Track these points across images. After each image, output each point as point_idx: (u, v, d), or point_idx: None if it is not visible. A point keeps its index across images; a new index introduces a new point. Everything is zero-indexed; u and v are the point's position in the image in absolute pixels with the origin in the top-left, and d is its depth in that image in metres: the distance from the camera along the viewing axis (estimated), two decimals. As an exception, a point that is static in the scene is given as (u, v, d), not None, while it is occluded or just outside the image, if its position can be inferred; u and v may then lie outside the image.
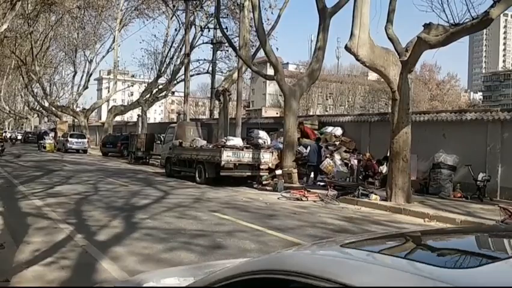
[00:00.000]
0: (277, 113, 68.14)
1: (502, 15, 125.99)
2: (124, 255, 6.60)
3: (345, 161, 17.30)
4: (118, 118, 47.83)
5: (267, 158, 16.81)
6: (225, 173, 16.25)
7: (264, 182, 16.80)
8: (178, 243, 7.42)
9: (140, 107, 43.78)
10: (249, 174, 16.83)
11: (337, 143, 18.17)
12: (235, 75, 23.11)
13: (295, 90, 17.30)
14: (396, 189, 12.14)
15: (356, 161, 16.42)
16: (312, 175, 16.57)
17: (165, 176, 19.58)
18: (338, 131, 18.78)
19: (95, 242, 7.35)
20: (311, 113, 68.58)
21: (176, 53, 33.20)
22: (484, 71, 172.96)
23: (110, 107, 44.32)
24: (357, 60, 11.32)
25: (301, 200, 13.29)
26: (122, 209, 10.71)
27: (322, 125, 19.80)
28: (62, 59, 52.00)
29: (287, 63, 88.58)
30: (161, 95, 35.28)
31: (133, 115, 73.29)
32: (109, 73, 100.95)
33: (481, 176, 13.23)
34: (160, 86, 37.01)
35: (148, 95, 34.50)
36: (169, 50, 33.76)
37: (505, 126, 13.46)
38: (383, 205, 12.08)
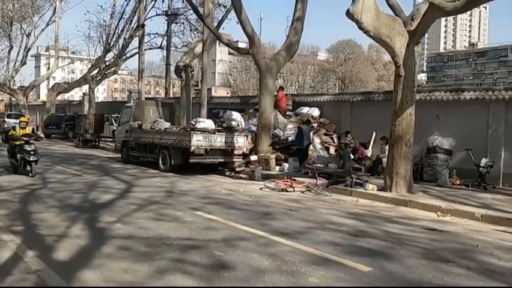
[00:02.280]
0: (227, 93, 65.94)
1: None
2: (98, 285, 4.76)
3: (326, 144, 15.82)
4: (60, 97, 44.16)
5: (241, 143, 15.01)
6: (195, 159, 14.33)
7: (237, 169, 15.06)
8: (167, 261, 5.60)
9: (86, 85, 40.55)
10: (222, 160, 15.01)
11: (315, 125, 16.61)
12: (198, 49, 21.03)
13: (272, 66, 15.52)
14: (398, 178, 10.76)
15: (343, 145, 14.94)
16: (292, 161, 14.93)
17: (122, 163, 17.37)
18: (316, 112, 17.21)
19: (54, 264, 5.41)
20: (254, 93, 66.98)
21: (127, 25, 30.35)
22: (426, 53, 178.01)
23: (52, 84, 40.62)
24: (360, 28, 9.70)
25: (287, 191, 11.68)
26: (81, 209, 8.67)
27: (296, 105, 18.17)
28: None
29: (237, 41, 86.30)
30: (109, 71, 32.34)
31: (74, 94, 68.57)
32: (47, 49, 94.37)
33: (483, 161, 12.08)
34: (108, 62, 33.99)
35: (96, 71, 31.52)
36: (119, 21, 30.85)
37: (510, 106, 12.34)
38: (383, 196, 10.66)
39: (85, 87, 43.81)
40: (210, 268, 5.39)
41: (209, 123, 14.73)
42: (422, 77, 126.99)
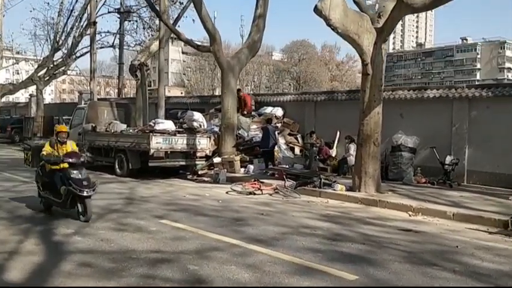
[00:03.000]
0: (181, 92, 64.86)
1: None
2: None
3: (290, 145, 15.51)
4: (4, 99, 41.77)
5: (204, 144, 14.44)
6: (155, 163, 13.65)
7: (200, 172, 14.50)
8: (136, 277, 5.06)
9: (33, 86, 38.55)
10: (183, 163, 14.39)
11: (279, 125, 16.27)
12: (153, 47, 20.23)
13: (234, 65, 15.03)
14: (367, 177, 10.57)
15: (309, 145, 14.65)
16: (258, 162, 14.51)
17: (75, 167, 16.38)
18: (279, 111, 16.87)
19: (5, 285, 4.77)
20: (217, 93, 66.26)
21: (76, 23, 28.97)
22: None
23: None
24: (329, 25, 9.41)
25: (255, 194, 11.26)
26: (33, 220, 7.93)
27: (259, 105, 17.76)
28: None
29: (191, 40, 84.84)
30: (58, 71, 30.79)
31: (20, 96, 65.21)
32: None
33: (448, 159, 12.10)
34: (56, 62, 32.39)
35: (44, 72, 29.94)
36: (68, 19, 29.40)
37: (473, 104, 12.43)
38: (352, 196, 10.43)
39: (31, 89, 41.76)
40: (184, 284, 4.90)
41: (169, 125, 14.07)
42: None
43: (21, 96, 64.48)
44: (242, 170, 14.49)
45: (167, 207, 9.30)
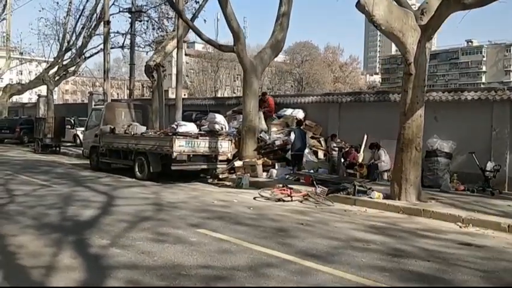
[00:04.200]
0: (184, 94, 64.24)
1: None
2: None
3: (314, 148, 14.96)
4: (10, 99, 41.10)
5: (226, 147, 13.93)
6: (177, 166, 13.13)
7: (220, 176, 13.98)
8: (194, 299, 4.53)
9: (40, 87, 38.03)
10: (205, 167, 13.88)
11: (301, 127, 15.69)
12: (169, 47, 19.75)
13: (257, 65, 14.50)
14: (407, 185, 10.01)
15: (336, 150, 14.10)
16: (279, 166, 13.98)
17: (91, 170, 15.89)
18: (300, 113, 16.31)
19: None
20: (219, 95, 65.60)
21: (87, 23, 28.49)
22: (378, 55, 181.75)
23: (4, 85, 37.88)
24: (372, 21, 8.88)
25: (284, 200, 10.73)
26: (63, 229, 7.39)
27: (278, 106, 17.22)
28: None
29: (193, 42, 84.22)
30: (68, 71, 30.30)
31: (23, 97, 64.61)
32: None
33: (490, 165, 11.53)
34: (65, 62, 31.90)
35: (54, 71, 29.44)
36: (79, 18, 28.92)
37: (516, 107, 11.87)
38: (392, 205, 9.88)
39: (39, 89, 41.21)
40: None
41: (191, 127, 13.56)
42: (374, 78, 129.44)
43: (24, 96, 63.97)
44: (264, 174, 13.97)
45: (200, 215, 8.76)
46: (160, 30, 29.24)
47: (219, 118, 14.25)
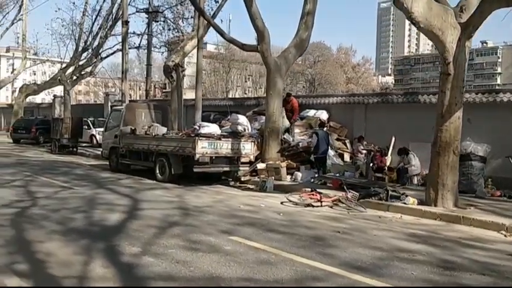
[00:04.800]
0: (195, 95, 63.92)
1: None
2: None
3: (339, 151, 14.57)
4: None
5: (249, 149, 13.57)
6: (199, 168, 12.81)
7: (243, 179, 13.63)
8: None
9: (55, 87, 37.99)
10: (227, 169, 13.55)
11: (324, 129, 15.31)
12: (188, 47, 19.45)
13: (281, 65, 14.14)
14: (444, 190, 9.57)
15: (364, 152, 13.68)
16: (305, 169, 13.59)
17: (111, 171, 15.64)
18: (324, 114, 15.92)
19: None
20: (230, 96, 65.28)
21: (104, 23, 28.34)
22: (390, 56, 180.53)
23: (21, 85, 37.96)
24: (410, 19, 8.49)
25: (312, 206, 10.34)
26: (90, 235, 7.08)
27: (300, 107, 16.81)
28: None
29: (206, 43, 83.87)
30: (85, 72, 30.20)
31: (35, 97, 64.99)
32: (7, 50, 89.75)
33: (528, 170, 11.08)
34: (81, 62, 31.83)
35: (70, 71, 29.34)
36: (95, 18, 28.80)
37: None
38: (428, 211, 9.44)
39: (51, 90, 41.17)
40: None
41: (214, 128, 13.23)
42: (387, 79, 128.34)
43: (37, 97, 64.40)
44: (288, 177, 13.60)
45: (229, 221, 8.41)
46: (176, 30, 29.08)
47: (242, 119, 13.91)
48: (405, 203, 10.02)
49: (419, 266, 5.95)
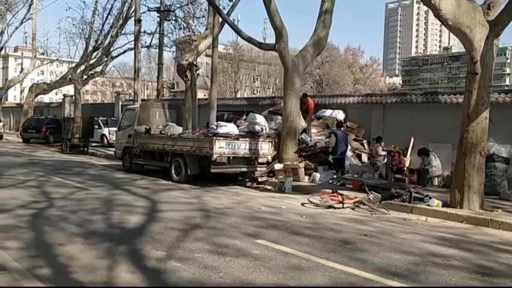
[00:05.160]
0: (204, 95, 63.87)
1: (415, 2, 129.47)
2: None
3: (357, 151, 14.28)
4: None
5: (266, 149, 13.32)
6: (217, 169, 12.57)
7: (260, 180, 13.39)
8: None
9: (65, 86, 38.01)
10: (245, 170, 13.31)
11: (342, 129, 15.01)
12: (202, 46, 19.24)
13: (299, 64, 13.88)
14: (470, 192, 9.28)
15: (383, 153, 13.37)
16: (323, 170, 13.33)
17: (124, 172, 15.44)
18: (340, 114, 15.63)
19: None
20: (239, 96, 65.13)
21: (116, 22, 28.18)
22: (398, 56, 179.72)
23: (30, 85, 37.91)
24: (438, 16, 8.22)
25: (334, 207, 10.08)
26: (112, 237, 6.87)
27: (316, 107, 16.52)
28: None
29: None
30: (95, 71, 30.04)
31: (43, 96, 65.02)
32: (15, 50, 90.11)
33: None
34: (91, 61, 31.69)
35: (82, 70, 29.19)
36: (107, 17, 28.63)
37: None
38: (454, 214, 9.15)
39: (58, 89, 41.09)
40: None
41: (232, 128, 12.98)
42: (394, 80, 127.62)
43: (45, 96, 64.57)
44: (306, 178, 13.33)
45: (252, 223, 8.16)
46: (187, 30, 28.88)
47: (260, 119, 13.65)
48: (429, 205, 9.75)
49: (455, 271, 5.70)
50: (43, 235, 6.81)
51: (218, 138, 12.29)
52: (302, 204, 10.42)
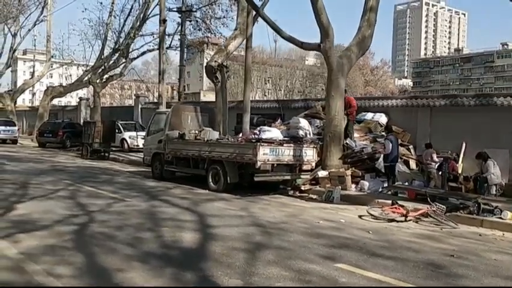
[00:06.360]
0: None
1: (424, 4, 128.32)
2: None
3: (404, 157, 13.37)
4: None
5: (310, 156, 12.45)
6: (260, 177, 11.72)
7: (303, 188, 12.53)
8: None
9: (81, 89, 37.37)
10: (288, 178, 12.44)
11: (384, 133, 14.14)
12: (231, 47, 18.44)
13: (344, 64, 13.02)
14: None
15: (437, 160, 12.43)
16: (369, 177, 12.44)
17: (154, 179, 14.62)
18: (383, 118, 14.74)
19: None
20: (251, 98, 64.39)
21: (136, 23, 27.49)
22: (407, 58, 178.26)
23: (46, 87, 37.26)
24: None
25: (396, 220, 9.19)
26: (172, 260, 6.05)
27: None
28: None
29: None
30: (115, 73, 29.34)
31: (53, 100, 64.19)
32: (24, 53, 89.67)
33: None
34: (108, 64, 31.01)
35: (101, 72, 28.48)
36: (126, 19, 27.96)
37: None
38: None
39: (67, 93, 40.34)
40: None
41: (276, 133, 12.14)
42: (403, 82, 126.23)
43: (55, 100, 63.94)
44: (353, 186, 12.46)
45: (319, 241, 7.28)
46: (208, 31, 28.17)
47: (303, 123, 12.80)
48: (501, 218, 8.85)
49: None
50: (95, 258, 5.99)
51: (262, 144, 11.42)
52: (360, 216, 9.57)
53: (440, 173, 12.32)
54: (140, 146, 23.39)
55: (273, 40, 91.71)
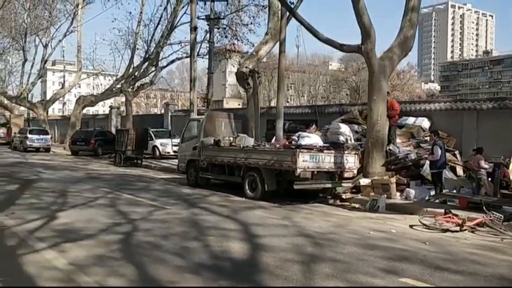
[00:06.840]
0: (239, 104, 63.04)
1: (450, 7, 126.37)
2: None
3: (450, 163, 12.82)
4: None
5: (352, 163, 12.02)
6: (300, 185, 11.36)
7: (344, 196, 12.10)
8: None
9: (111, 98, 37.72)
10: (329, 185, 12.04)
11: (428, 138, 13.63)
12: (262, 52, 18.17)
13: (386, 66, 12.59)
14: None
15: (486, 166, 11.85)
16: (414, 185, 11.95)
17: (189, 186, 14.42)
18: (425, 122, 14.23)
19: None
20: (273, 104, 64.20)
21: (166, 32, 27.57)
22: (433, 62, 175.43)
23: (77, 97, 37.72)
24: None
25: (451, 230, 8.71)
26: (225, 272, 5.80)
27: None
28: (9, 45, 43.89)
29: (246, 52, 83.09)
30: (146, 82, 29.46)
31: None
32: (53, 63, 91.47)
33: None
34: (138, 73, 31.17)
35: (131, 81, 28.61)
36: (156, 27, 28.05)
37: None
38: None
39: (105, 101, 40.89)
40: None
41: (316, 139, 11.78)
42: (429, 86, 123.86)
43: (85, 109, 64.65)
44: (398, 195, 11.98)
45: (375, 253, 6.86)
46: (235, 37, 28.09)
47: (344, 128, 12.41)
48: None
49: None
50: (145, 269, 5.73)
51: (302, 150, 11.07)
52: (411, 226, 9.11)
53: (490, 179, 11.73)
54: (171, 152, 23.45)
55: (296, 46, 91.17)
